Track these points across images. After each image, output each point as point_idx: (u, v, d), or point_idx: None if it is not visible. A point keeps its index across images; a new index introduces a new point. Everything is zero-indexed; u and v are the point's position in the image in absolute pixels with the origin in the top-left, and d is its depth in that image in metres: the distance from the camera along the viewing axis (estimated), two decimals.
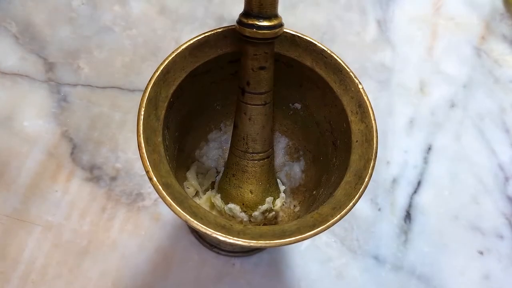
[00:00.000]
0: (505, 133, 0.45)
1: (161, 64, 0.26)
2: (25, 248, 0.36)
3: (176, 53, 0.26)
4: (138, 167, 0.40)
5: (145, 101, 0.24)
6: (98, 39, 0.45)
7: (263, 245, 0.22)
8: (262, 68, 0.26)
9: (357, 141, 0.26)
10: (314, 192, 0.31)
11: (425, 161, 0.43)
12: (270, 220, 0.32)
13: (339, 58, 0.28)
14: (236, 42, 0.27)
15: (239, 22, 0.25)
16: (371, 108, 0.27)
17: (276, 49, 0.27)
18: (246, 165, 0.29)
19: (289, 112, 0.33)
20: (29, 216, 0.37)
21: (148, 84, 0.25)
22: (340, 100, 0.27)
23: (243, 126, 0.28)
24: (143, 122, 0.24)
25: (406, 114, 0.45)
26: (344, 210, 0.23)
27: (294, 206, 0.34)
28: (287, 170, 0.34)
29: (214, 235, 0.22)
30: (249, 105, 0.27)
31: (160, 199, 0.26)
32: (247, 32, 0.24)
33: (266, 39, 0.25)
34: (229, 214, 0.30)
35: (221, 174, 0.32)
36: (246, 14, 0.25)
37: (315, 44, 0.28)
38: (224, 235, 0.22)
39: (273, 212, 0.31)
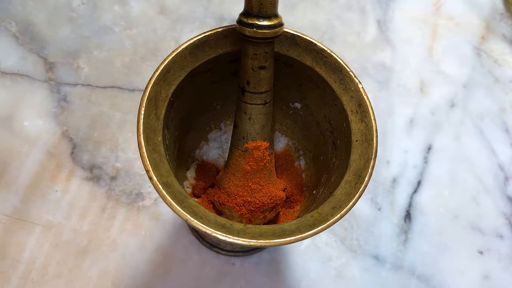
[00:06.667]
0: (505, 133, 0.45)
1: (161, 63, 0.26)
2: (25, 248, 0.36)
3: (176, 53, 0.26)
4: (138, 166, 0.40)
5: (145, 101, 0.24)
6: (98, 39, 0.45)
7: (263, 244, 0.22)
8: (262, 67, 0.26)
9: (357, 140, 0.26)
10: (314, 192, 0.31)
11: (425, 161, 0.43)
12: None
13: (339, 58, 0.28)
14: (236, 42, 0.27)
15: (239, 21, 0.25)
16: (371, 107, 0.27)
17: (276, 48, 0.27)
18: None
19: (289, 111, 0.33)
20: (29, 216, 0.37)
21: (148, 84, 0.25)
22: (340, 99, 0.27)
23: (243, 126, 0.28)
24: (143, 122, 0.24)
25: (406, 114, 0.45)
26: (344, 210, 0.23)
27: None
28: None
29: (214, 234, 0.22)
30: (249, 105, 0.27)
31: (160, 199, 0.26)
32: (247, 31, 0.25)
33: (266, 39, 0.25)
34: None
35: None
36: (246, 13, 0.25)
37: (315, 44, 0.28)
38: (224, 234, 0.22)
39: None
